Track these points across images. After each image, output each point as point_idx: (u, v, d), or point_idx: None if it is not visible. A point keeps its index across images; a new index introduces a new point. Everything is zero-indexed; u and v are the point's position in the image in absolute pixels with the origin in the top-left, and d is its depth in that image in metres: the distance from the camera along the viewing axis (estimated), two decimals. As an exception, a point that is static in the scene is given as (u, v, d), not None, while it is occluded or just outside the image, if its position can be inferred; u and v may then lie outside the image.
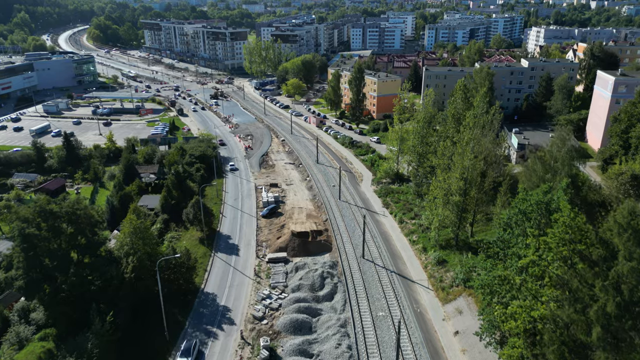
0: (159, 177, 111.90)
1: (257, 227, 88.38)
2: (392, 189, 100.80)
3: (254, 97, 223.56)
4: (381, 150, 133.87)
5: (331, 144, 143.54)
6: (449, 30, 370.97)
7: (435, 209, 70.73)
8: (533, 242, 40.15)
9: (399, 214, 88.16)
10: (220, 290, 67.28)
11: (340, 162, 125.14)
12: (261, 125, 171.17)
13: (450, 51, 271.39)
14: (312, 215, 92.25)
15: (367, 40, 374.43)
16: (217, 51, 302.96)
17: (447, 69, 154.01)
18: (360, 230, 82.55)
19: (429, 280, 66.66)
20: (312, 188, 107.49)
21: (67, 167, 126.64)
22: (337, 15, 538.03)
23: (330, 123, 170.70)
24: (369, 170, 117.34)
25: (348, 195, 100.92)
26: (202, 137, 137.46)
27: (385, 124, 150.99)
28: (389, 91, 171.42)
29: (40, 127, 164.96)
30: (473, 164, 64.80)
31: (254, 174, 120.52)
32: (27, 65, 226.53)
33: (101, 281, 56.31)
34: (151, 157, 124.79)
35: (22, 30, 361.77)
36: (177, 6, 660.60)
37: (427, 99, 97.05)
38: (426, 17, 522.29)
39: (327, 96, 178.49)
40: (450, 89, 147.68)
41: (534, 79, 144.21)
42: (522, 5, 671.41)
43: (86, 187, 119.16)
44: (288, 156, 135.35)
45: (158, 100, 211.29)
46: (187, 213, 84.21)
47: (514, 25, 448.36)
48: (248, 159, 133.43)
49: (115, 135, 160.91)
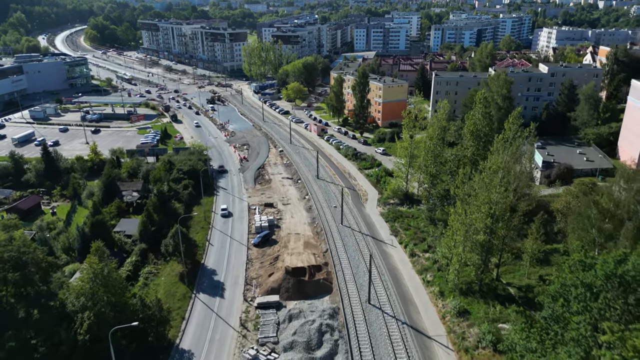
0: (142, 196, 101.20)
1: (248, 258, 77.51)
2: (400, 212, 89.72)
3: (252, 101, 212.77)
4: (387, 164, 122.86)
5: (333, 156, 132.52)
6: (455, 30, 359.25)
7: (455, 247, 59.66)
8: (611, 339, 29.24)
9: (409, 245, 77.06)
10: (198, 347, 56.36)
11: (343, 178, 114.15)
12: (259, 133, 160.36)
13: (459, 53, 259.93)
14: (310, 243, 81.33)
15: (371, 41, 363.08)
16: (215, 53, 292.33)
17: (458, 75, 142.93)
18: (365, 263, 71.66)
19: (448, 337, 55.61)
20: (311, 209, 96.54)
21: (46, 181, 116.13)
22: (341, 15, 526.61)
23: (332, 131, 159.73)
24: (375, 187, 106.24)
25: (351, 218, 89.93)
26: (193, 149, 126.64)
27: (393, 134, 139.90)
28: (395, 97, 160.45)
29: (23, 135, 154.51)
30: (502, 197, 53.76)
31: (248, 191, 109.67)
32: (16, 67, 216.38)
33: (46, 347, 45.51)
34: (136, 171, 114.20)
35: (16, 30, 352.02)
36: (179, 6, 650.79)
37: (441, 111, 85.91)
38: (431, 17, 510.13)
39: (329, 102, 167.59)
40: (462, 96, 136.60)
41: (553, 86, 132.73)
42: (528, 5, 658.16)
43: (64, 205, 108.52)
44: (286, 169, 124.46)
45: (152, 105, 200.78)
46: (166, 245, 73.48)
47: (522, 26, 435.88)
48: (242, 172, 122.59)
49: (103, 144, 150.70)
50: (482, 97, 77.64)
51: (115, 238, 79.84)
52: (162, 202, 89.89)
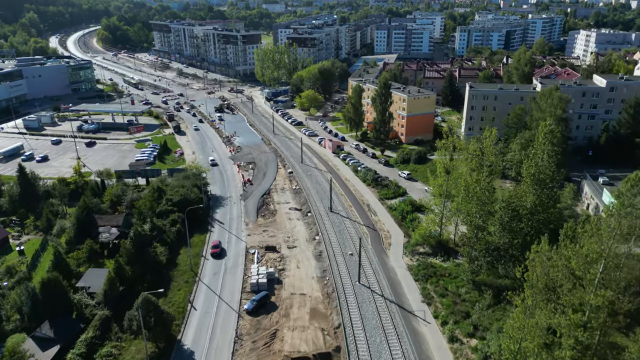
0: (122, 233, 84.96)
1: (237, 334, 60.32)
2: (433, 267, 71.51)
3: (263, 110, 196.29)
4: (413, 192, 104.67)
5: (349, 180, 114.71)
6: (482, 32, 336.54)
7: (520, 354, 41.41)
8: None
9: (448, 323, 58.81)
10: None
11: (361, 211, 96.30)
12: (267, 149, 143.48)
13: (489, 58, 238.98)
14: (318, 312, 63.88)
15: (393, 42, 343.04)
16: (228, 56, 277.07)
17: (497, 87, 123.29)
18: (390, 350, 53.92)
19: None
20: (321, 256, 79.02)
21: (20, 208, 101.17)
22: (360, 16, 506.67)
23: (349, 147, 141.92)
24: (399, 226, 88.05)
25: (371, 273, 72.12)
26: (189, 171, 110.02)
27: (419, 155, 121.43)
28: (421, 110, 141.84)
29: (10, 148, 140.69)
30: (604, 300, 35.45)
31: (248, 226, 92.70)
32: (15, 72, 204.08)
33: None
34: (120, 199, 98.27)
35: (26, 31, 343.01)
36: (196, 5, 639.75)
37: (487, 142, 67.37)
38: (455, 17, 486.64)
39: (347, 114, 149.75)
40: (501, 111, 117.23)
41: (613, 102, 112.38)
42: (556, 4, 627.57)
43: (36, 239, 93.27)
44: (295, 197, 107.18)
45: (155, 114, 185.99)
46: (130, 319, 56.83)
47: (553, 27, 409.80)
48: (244, 200, 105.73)
49: (96, 159, 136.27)
50: (547, 130, 58.85)
51: (75, 300, 63.67)
52: (140, 247, 73.61)
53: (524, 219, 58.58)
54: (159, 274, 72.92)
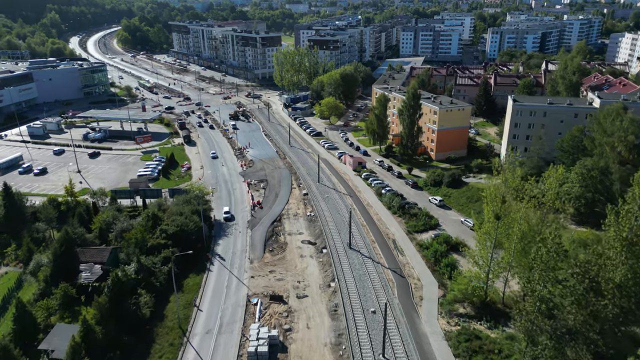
0: (106, 272, 72.73)
1: None
2: (479, 338, 56.69)
3: (280, 117, 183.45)
4: (447, 224, 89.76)
5: (372, 206, 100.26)
6: (516, 34, 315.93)
7: None
8: None
9: None
10: None
11: (386, 249, 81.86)
12: (282, 164, 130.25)
13: (525, 63, 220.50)
14: (331, 399, 49.98)
15: (419, 45, 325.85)
16: (246, 58, 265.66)
17: (547, 102, 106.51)
18: None
19: None
20: (337, 312, 65.06)
21: (3, 234, 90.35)
22: (386, 16, 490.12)
23: (372, 164, 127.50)
24: (432, 272, 73.35)
25: (398, 341, 57.80)
26: (192, 194, 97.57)
27: (453, 178, 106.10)
28: (454, 123, 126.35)
29: (9, 159, 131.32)
30: None
31: (253, 264, 79.44)
32: (25, 75, 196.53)
33: None
34: (110, 227, 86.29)
35: (46, 31, 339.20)
36: (219, 6, 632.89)
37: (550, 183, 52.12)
38: (485, 18, 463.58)
39: (370, 127, 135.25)
40: (551, 130, 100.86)
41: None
42: (591, 4, 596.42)
43: (15, 271, 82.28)
44: (309, 227, 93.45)
45: (166, 120, 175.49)
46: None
47: (591, 29, 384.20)
48: (251, 228, 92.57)
49: (97, 173, 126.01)
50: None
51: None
52: (119, 298, 61.10)
53: (607, 295, 43.50)
54: (139, 331, 60.33)
